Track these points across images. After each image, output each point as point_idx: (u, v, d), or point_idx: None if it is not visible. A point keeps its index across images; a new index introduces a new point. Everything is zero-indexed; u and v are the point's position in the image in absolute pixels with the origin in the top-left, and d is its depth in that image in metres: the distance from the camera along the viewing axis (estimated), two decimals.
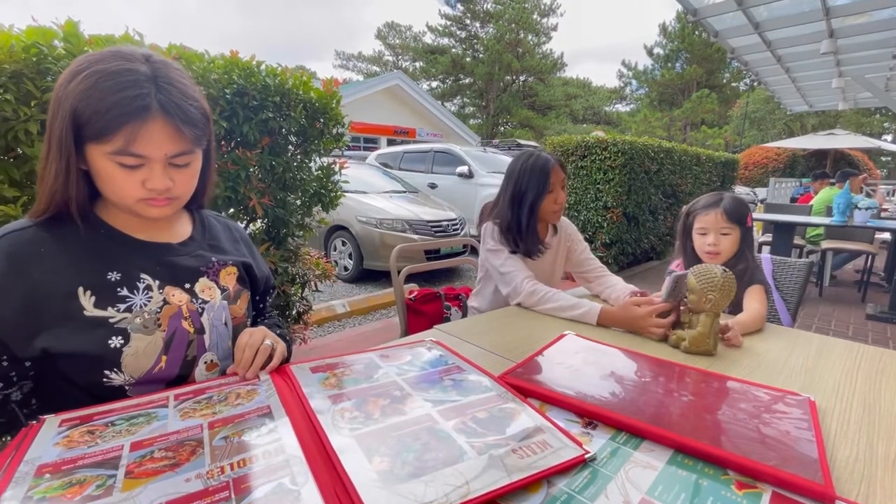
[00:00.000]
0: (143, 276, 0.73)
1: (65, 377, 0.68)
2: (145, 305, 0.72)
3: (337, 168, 2.27)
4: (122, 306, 0.70)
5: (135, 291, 0.71)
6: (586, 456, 0.57)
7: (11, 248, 0.65)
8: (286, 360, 0.84)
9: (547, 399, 0.73)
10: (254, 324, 0.95)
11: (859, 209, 3.96)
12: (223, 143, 1.82)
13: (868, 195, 6.74)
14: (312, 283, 2.29)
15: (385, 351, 0.88)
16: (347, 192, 2.60)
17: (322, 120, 2.08)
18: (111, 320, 0.68)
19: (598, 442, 0.62)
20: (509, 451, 0.56)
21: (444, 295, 1.77)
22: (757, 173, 15.11)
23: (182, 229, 0.83)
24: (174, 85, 0.66)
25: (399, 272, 1.74)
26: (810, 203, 5.21)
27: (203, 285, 0.79)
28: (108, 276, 0.70)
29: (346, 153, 7.81)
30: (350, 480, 0.48)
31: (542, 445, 0.58)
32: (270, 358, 0.77)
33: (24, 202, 1.34)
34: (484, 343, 1.02)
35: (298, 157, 2.11)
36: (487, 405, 0.67)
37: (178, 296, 0.75)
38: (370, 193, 4.96)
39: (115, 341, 0.68)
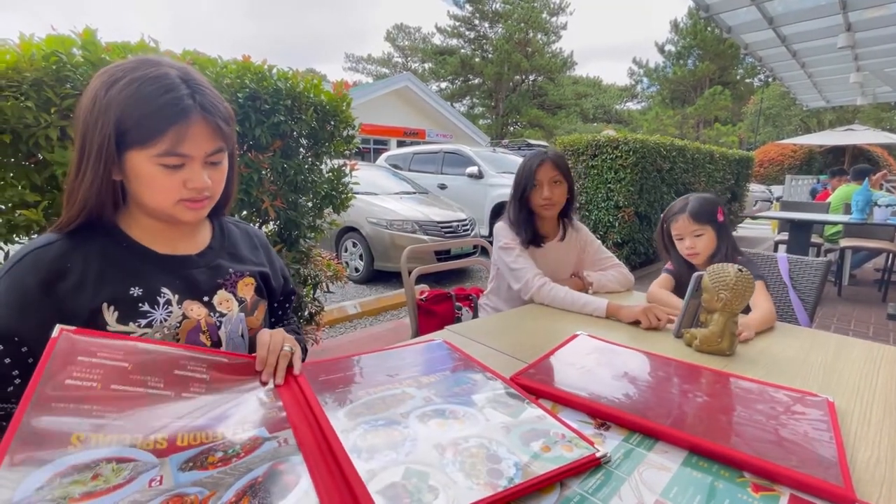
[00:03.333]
0: (163, 290, 0.74)
1: None
2: (165, 320, 0.73)
3: (347, 170, 2.29)
4: (143, 321, 0.71)
5: (155, 306, 0.72)
6: (598, 455, 0.56)
7: (39, 264, 0.66)
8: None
9: (559, 400, 0.72)
10: (273, 317, 0.95)
11: (879, 206, 3.87)
12: (236, 146, 1.85)
13: (888, 192, 6.58)
14: (324, 284, 2.31)
15: (393, 352, 0.88)
16: (358, 193, 2.61)
17: (333, 122, 2.10)
18: (132, 336, 0.70)
19: (611, 443, 0.62)
20: (521, 453, 0.56)
21: (454, 295, 1.78)
22: (772, 171, 14.84)
23: (201, 238, 0.83)
24: (204, 86, 0.69)
25: (410, 273, 1.74)
26: (827, 200, 5.10)
27: (221, 297, 0.80)
28: (131, 292, 0.71)
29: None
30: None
31: (554, 446, 0.57)
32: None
33: (44, 207, 1.38)
34: (495, 344, 1.02)
35: (310, 159, 2.13)
36: (497, 407, 0.67)
37: (196, 310, 0.76)
38: (380, 195, 4.99)
39: None
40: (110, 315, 0.69)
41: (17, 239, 1.43)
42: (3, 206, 1.37)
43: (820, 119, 22.10)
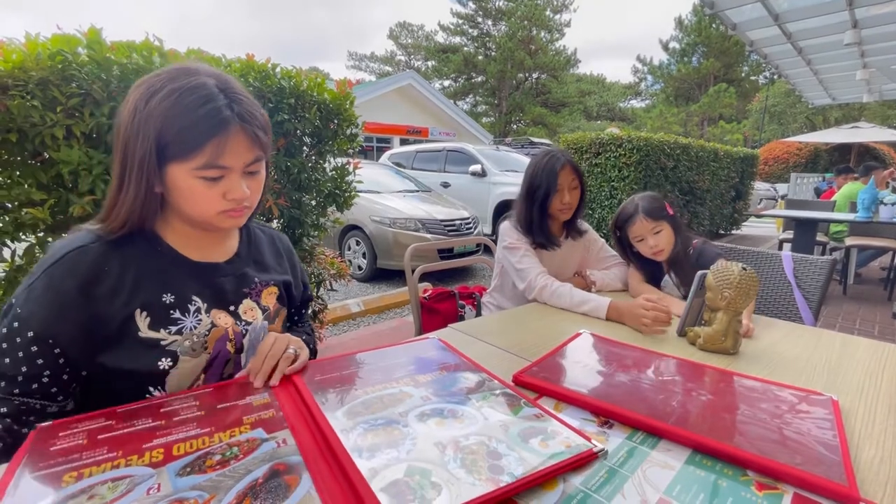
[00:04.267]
0: (194, 298, 0.74)
1: (109, 389, 0.69)
2: (195, 328, 0.73)
3: (351, 168, 2.29)
4: (174, 328, 0.71)
5: (186, 314, 0.73)
6: (596, 450, 0.57)
7: (79, 267, 0.66)
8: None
9: (562, 398, 0.72)
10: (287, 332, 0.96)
11: (885, 204, 3.84)
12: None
13: (894, 190, 6.53)
14: (327, 282, 2.32)
15: (389, 351, 0.88)
16: (361, 192, 2.62)
17: (336, 121, 2.11)
18: (162, 342, 0.70)
19: (614, 441, 0.62)
20: (520, 449, 0.56)
21: (458, 294, 1.78)
22: (777, 169, 14.75)
23: (230, 244, 0.83)
24: (241, 94, 0.68)
25: (413, 271, 1.75)
26: (833, 198, 5.07)
27: (246, 306, 0.81)
28: (164, 298, 0.71)
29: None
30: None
31: (552, 443, 0.58)
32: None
33: (50, 205, 1.39)
34: (498, 342, 1.02)
35: (313, 157, 2.13)
36: (495, 406, 0.67)
37: (224, 318, 0.77)
38: (384, 193, 4.99)
39: (165, 363, 0.70)
40: (142, 321, 0.69)
41: (23, 237, 1.44)
42: (10, 205, 1.38)
43: (826, 116, 21.93)
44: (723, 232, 7.68)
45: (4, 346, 0.63)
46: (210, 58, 1.73)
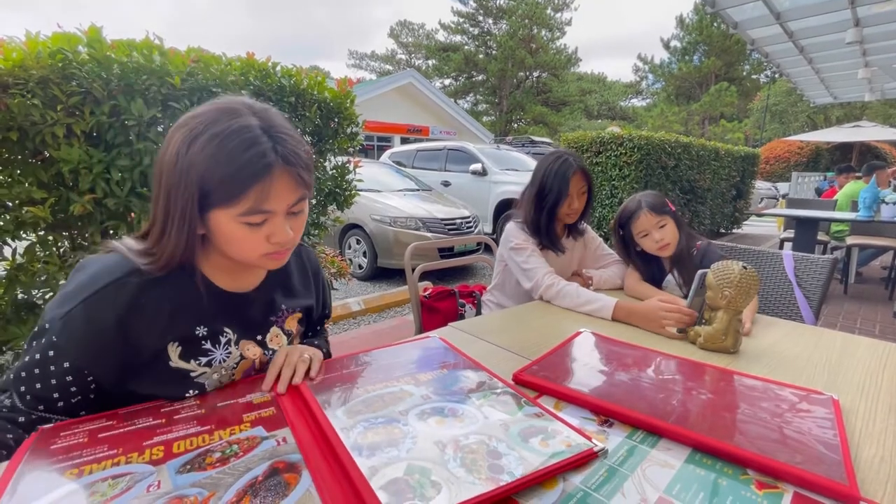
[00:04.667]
0: (225, 329, 0.74)
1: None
2: (224, 361, 0.73)
3: (351, 167, 2.29)
4: (204, 360, 0.71)
5: (217, 346, 0.73)
6: (596, 449, 0.57)
7: (119, 299, 0.64)
8: None
9: (562, 397, 0.72)
10: (303, 338, 0.96)
11: (887, 204, 3.83)
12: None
13: None
14: (328, 281, 2.32)
15: (389, 350, 0.88)
16: (361, 190, 2.62)
17: (336, 119, 2.10)
18: (192, 374, 0.70)
19: (614, 440, 0.62)
20: (521, 449, 0.56)
21: (458, 292, 1.78)
22: (778, 168, 14.73)
23: (261, 271, 0.82)
24: (285, 132, 0.66)
25: (413, 270, 1.74)
26: (834, 198, 5.06)
27: (273, 334, 0.81)
28: (197, 332, 0.71)
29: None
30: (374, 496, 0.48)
31: (552, 442, 0.58)
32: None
33: (51, 204, 1.39)
34: (499, 341, 1.02)
35: (313, 156, 2.13)
36: (495, 405, 0.67)
37: (252, 350, 0.77)
38: (384, 192, 4.99)
39: (192, 394, 0.70)
40: (174, 351, 0.69)
41: (24, 235, 1.44)
42: (11, 203, 1.39)
43: (827, 115, 21.89)
44: (723, 231, 7.67)
45: (37, 371, 0.63)
46: (210, 56, 1.73)
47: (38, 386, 0.63)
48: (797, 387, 0.77)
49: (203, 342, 0.71)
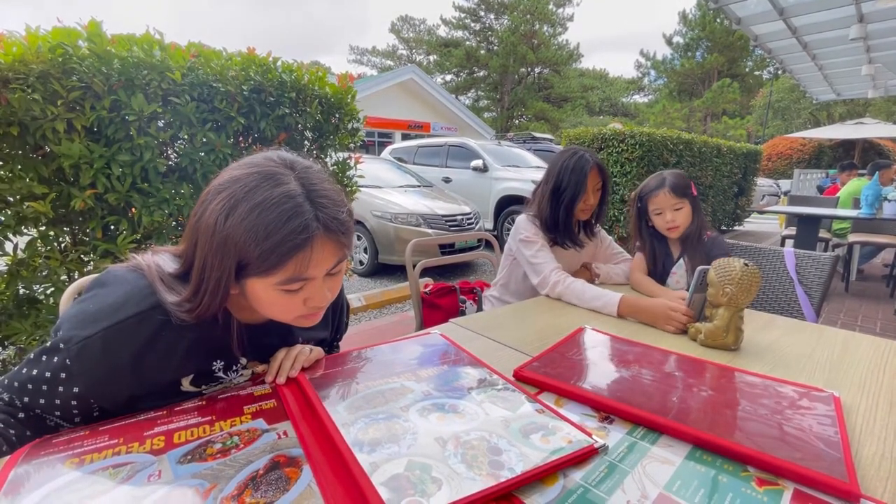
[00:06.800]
0: (241, 359, 0.74)
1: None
2: (234, 380, 0.74)
3: (352, 163, 2.28)
4: (215, 384, 0.72)
5: (229, 373, 0.73)
6: (597, 446, 0.57)
7: (138, 336, 0.62)
8: None
9: (563, 393, 0.72)
10: None
11: (889, 201, 3.82)
12: (241, 139, 1.85)
13: None
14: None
15: (390, 346, 0.89)
16: (362, 186, 2.61)
17: (337, 115, 2.10)
18: (204, 392, 0.71)
19: (615, 436, 0.62)
20: (521, 445, 0.56)
21: (458, 289, 1.78)
22: (781, 165, 14.69)
23: None
24: (326, 196, 0.63)
25: (414, 266, 1.74)
26: (836, 195, 5.05)
27: None
28: (213, 366, 0.71)
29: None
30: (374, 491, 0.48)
31: (553, 438, 0.58)
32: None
33: (52, 199, 1.39)
34: (499, 337, 1.02)
35: (314, 152, 2.13)
36: (496, 401, 0.67)
37: (262, 367, 0.77)
38: (385, 188, 4.98)
39: (196, 402, 0.70)
40: (186, 381, 0.69)
41: (25, 231, 1.44)
42: (12, 199, 1.39)
43: (830, 112, 21.79)
44: (725, 228, 7.66)
45: (44, 388, 0.61)
46: (210, 51, 1.73)
47: (42, 401, 0.62)
48: (798, 384, 0.77)
49: (217, 372, 0.72)
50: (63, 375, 0.61)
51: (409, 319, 3.28)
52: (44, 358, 0.62)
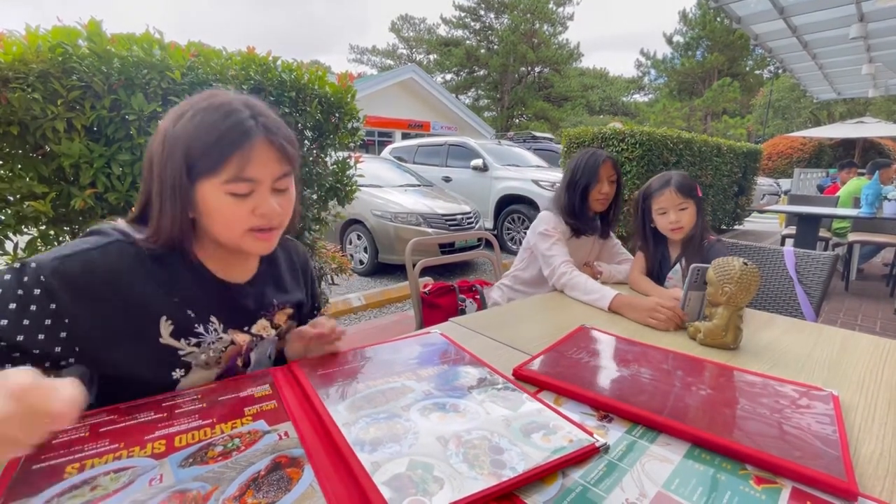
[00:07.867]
0: (212, 318, 0.74)
1: (118, 396, 0.68)
2: (213, 343, 0.74)
3: (352, 162, 2.28)
4: (194, 340, 0.72)
5: (206, 331, 0.73)
6: (598, 445, 0.57)
7: (120, 260, 0.66)
8: None
9: (562, 392, 0.73)
10: None
11: (889, 200, 3.82)
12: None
13: None
14: (329, 276, 2.32)
15: (390, 346, 0.89)
16: (362, 186, 2.61)
17: (337, 114, 2.10)
18: (180, 352, 0.70)
19: (613, 435, 0.62)
20: (523, 444, 0.56)
21: (458, 288, 1.78)
22: (781, 164, 14.67)
23: (252, 263, 0.83)
24: (267, 113, 0.69)
25: (414, 266, 1.75)
26: (836, 194, 5.05)
27: (260, 326, 0.82)
28: (188, 312, 0.71)
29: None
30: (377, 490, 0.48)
31: (554, 437, 0.58)
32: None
33: (52, 198, 1.39)
34: (499, 336, 1.02)
35: (314, 151, 2.13)
36: (497, 401, 0.68)
37: (241, 337, 0.78)
38: (385, 187, 4.98)
39: (178, 373, 0.71)
40: (165, 327, 0.69)
41: (25, 230, 1.44)
42: (12, 198, 1.39)
43: (830, 111, 21.78)
44: (725, 227, 7.66)
45: (12, 306, 0.59)
46: (210, 50, 1.73)
47: (5, 322, 0.58)
48: (797, 383, 0.77)
49: (195, 325, 0.72)
50: (37, 292, 0.60)
51: (409, 319, 3.28)
52: (7, 277, 0.60)
